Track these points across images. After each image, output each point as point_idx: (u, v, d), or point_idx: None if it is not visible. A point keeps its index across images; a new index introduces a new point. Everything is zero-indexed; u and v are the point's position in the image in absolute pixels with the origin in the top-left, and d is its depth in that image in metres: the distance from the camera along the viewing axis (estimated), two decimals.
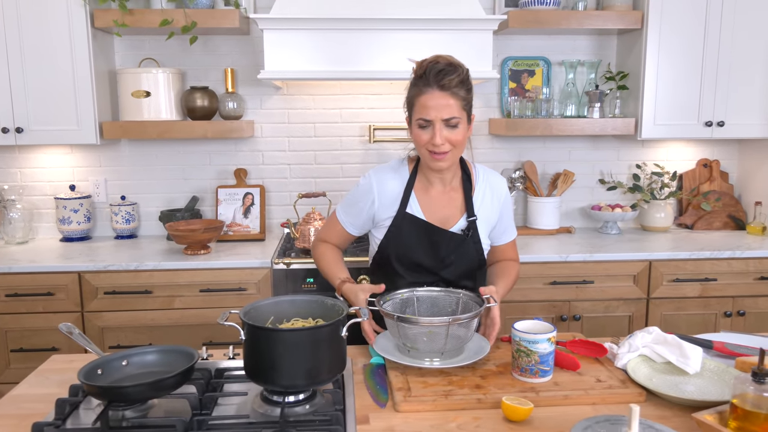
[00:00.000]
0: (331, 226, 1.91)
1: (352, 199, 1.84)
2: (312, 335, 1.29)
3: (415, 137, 1.69)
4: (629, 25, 2.96)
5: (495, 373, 1.48)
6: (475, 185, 1.82)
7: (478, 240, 1.80)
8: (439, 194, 1.80)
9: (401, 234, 1.77)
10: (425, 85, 1.63)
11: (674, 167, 3.36)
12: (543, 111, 3.11)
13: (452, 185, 1.81)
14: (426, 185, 1.80)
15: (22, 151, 3.16)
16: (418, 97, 1.64)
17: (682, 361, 1.47)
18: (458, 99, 1.63)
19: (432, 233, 1.76)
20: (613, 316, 2.84)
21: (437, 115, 1.61)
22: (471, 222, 1.79)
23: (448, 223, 1.79)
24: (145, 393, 1.26)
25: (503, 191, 1.86)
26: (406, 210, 1.77)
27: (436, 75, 1.61)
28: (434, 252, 1.77)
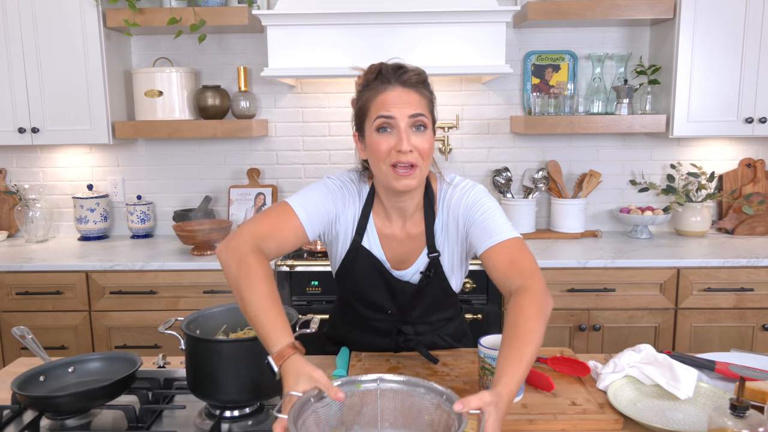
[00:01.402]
0: (279, 220, 1.39)
1: (318, 194, 1.45)
2: (252, 347, 1.21)
3: (372, 148, 1.35)
4: (660, 15, 2.76)
5: (461, 391, 1.36)
6: (438, 211, 1.49)
7: (443, 278, 1.51)
8: (398, 230, 1.50)
9: (356, 271, 1.51)
10: (384, 82, 1.35)
11: (713, 167, 3.12)
12: (566, 108, 2.93)
13: (414, 218, 1.49)
14: (384, 217, 1.50)
15: (43, 151, 3.22)
16: (377, 96, 1.35)
17: (672, 385, 1.32)
18: (424, 97, 1.36)
19: (389, 277, 1.50)
20: (637, 326, 2.65)
21: (403, 112, 1.32)
22: (432, 258, 1.48)
23: (407, 261, 1.51)
24: (77, 403, 1.21)
25: (461, 206, 1.45)
26: (362, 243, 1.49)
27: (395, 71, 1.35)
28: (393, 298, 1.53)
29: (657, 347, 2.60)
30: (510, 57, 3.04)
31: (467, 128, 3.15)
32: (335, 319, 1.74)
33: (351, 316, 1.65)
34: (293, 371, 1.10)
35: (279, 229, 1.38)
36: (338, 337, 1.70)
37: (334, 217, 1.47)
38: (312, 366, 1.11)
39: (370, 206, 1.49)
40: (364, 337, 1.63)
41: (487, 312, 2.62)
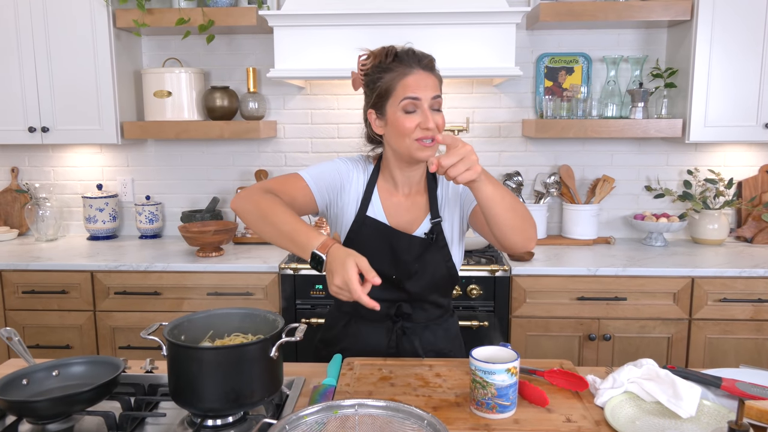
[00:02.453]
0: (288, 182, 1.55)
1: (328, 169, 1.61)
2: (232, 355, 1.17)
3: (398, 125, 1.48)
4: (677, 16, 2.68)
5: (451, 404, 1.31)
6: (439, 182, 1.65)
7: (444, 244, 1.61)
8: (404, 197, 1.63)
9: (361, 240, 1.60)
10: (407, 66, 1.49)
11: (732, 173, 3.03)
12: (579, 111, 2.87)
13: (418, 187, 1.64)
14: (389, 188, 1.63)
15: (55, 150, 3.23)
16: (402, 79, 1.48)
17: (673, 402, 1.25)
18: (438, 80, 1.54)
19: (393, 238, 1.59)
20: (649, 337, 2.57)
21: (428, 94, 1.48)
22: (435, 224, 1.60)
23: (411, 227, 1.62)
24: (56, 409, 1.18)
25: None
26: (367, 213, 1.61)
27: (414, 55, 1.51)
28: (397, 260, 1.59)
29: (670, 359, 2.55)
30: (522, 59, 2.99)
31: (478, 131, 3.10)
32: (331, 317, 1.77)
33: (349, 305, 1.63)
34: (341, 255, 1.27)
35: (287, 187, 1.54)
36: (332, 338, 1.71)
37: (339, 188, 1.60)
38: (355, 256, 1.27)
39: (374, 181, 1.62)
40: (359, 332, 1.64)
41: (494, 320, 2.56)
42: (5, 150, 3.24)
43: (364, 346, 1.64)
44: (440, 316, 1.70)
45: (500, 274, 2.54)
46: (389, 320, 1.64)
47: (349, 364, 1.53)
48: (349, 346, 1.66)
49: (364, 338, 1.65)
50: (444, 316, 1.71)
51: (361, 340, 1.66)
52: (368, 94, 1.57)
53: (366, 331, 1.65)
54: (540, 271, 2.55)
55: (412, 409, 1.02)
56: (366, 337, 1.65)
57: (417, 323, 1.65)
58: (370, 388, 1.39)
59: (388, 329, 1.65)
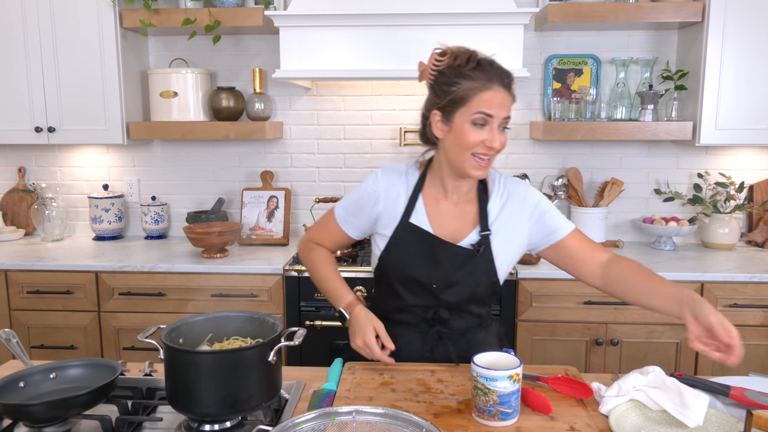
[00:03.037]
0: (325, 225, 1.70)
1: (356, 197, 1.64)
2: (229, 359, 1.16)
3: (462, 136, 1.45)
4: (687, 18, 2.65)
5: (453, 410, 1.29)
6: (491, 194, 1.60)
7: (490, 258, 1.55)
8: (451, 206, 1.58)
9: (401, 246, 1.56)
10: (489, 80, 1.43)
11: (743, 177, 2.99)
12: (588, 113, 2.84)
13: (467, 197, 1.59)
14: (436, 195, 1.59)
15: (61, 150, 3.24)
16: (481, 92, 1.42)
17: (680, 412, 1.23)
18: (513, 101, 1.49)
19: (436, 247, 1.54)
20: (657, 342, 2.54)
21: (500, 113, 1.44)
22: (484, 237, 1.54)
23: (458, 237, 1.56)
24: (52, 412, 1.17)
25: (525, 195, 1.60)
26: (410, 220, 1.56)
27: (499, 70, 1.45)
28: (437, 268, 1.54)
29: (678, 364, 2.52)
30: (530, 60, 2.96)
31: None
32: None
33: (388, 306, 1.63)
34: (362, 320, 1.53)
35: (325, 233, 1.71)
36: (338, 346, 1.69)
37: (371, 211, 1.60)
38: (374, 321, 1.53)
39: (419, 188, 1.59)
40: (395, 335, 1.60)
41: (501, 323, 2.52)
42: (12, 150, 3.25)
43: (398, 349, 1.59)
44: (478, 325, 1.65)
45: (506, 277, 2.51)
46: (425, 324, 1.61)
47: (350, 369, 1.51)
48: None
49: (399, 341, 1.60)
50: (483, 324, 1.67)
51: (396, 340, 1.60)
52: (438, 94, 1.49)
53: (402, 334, 1.61)
54: (546, 274, 2.52)
55: (410, 417, 1.00)
56: (401, 340, 1.60)
57: (454, 330, 1.61)
58: (371, 393, 1.37)
59: (423, 333, 1.61)
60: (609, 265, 1.55)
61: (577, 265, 1.59)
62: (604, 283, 1.56)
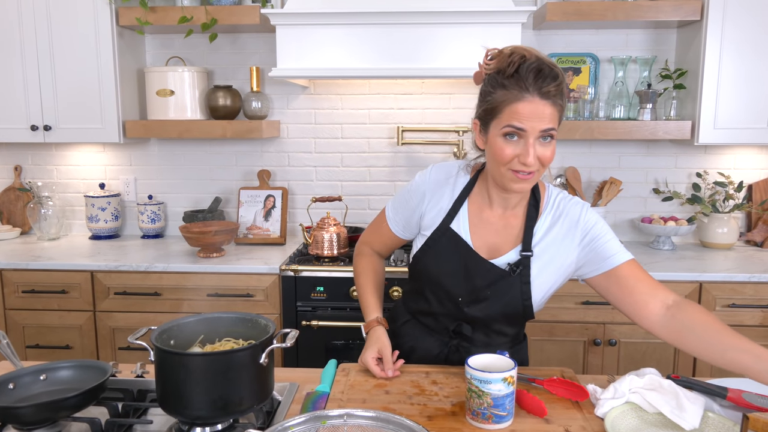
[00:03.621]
0: (377, 224, 1.67)
1: (404, 194, 1.59)
2: (220, 361, 1.14)
3: (495, 150, 1.34)
4: (686, 16, 2.63)
5: (447, 413, 1.28)
6: (542, 212, 1.48)
7: (527, 281, 1.44)
8: (496, 218, 1.49)
9: (436, 251, 1.50)
10: (522, 89, 1.29)
11: (742, 176, 2.97)
12: (586, 112, 2.82)
13: (515, 211, 1.49)
14: (482, 203, 1.50)
15: (58, 149, 3.22)
16: (512, 103, 1.30)
17: (676, 414, 1.21)
18: (557, 108, 1.32)
19: (470, 259, 1.47)
20: (655, 342, 2.52)
21: (535, 126, 1.29)
22: (524, 257, 1.44)
23: (497, 253, 1.48)
24: (40, 415, 1.16)
25: (579, 217, 1.46)
26: (450, 225, 1.49)
27: (536, 77, 1.28)
28: (466, 281, 1.47)
29: (677, 365, 2.51)
30: None
31: None
32: (397, 311, 1.72)
33: (414, 306, 1.61)
34: (372, 338, 1.54)
35: (377, 235, 1.69)
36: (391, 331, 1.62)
37: (417, 209, 1.55)
38: (387, 338, 1.53)
39: (466, 195, 1.51)
40: (416, 334, 1.59)
41: None
42: (8, 148, 3.23)
43: (416, 348, 1.59)
44: (503, 344, 1.57)
45: None
46: (447, 334, 1.56)
47: (344, 370, 1.49)
48: (403, 344, 1.61)
49: (418, 340, 1.59)
50: (508, 344, 1.58)
51: (415, 341, 1.59)
52: (479, 101, 1.40)
53: (422, 335, 1.60)
54: None
55: (403, 420, 0.99)
56: (421, 340, 1.59)
57: (476, 346, 1.54)
58: (364, 395, 1.36)
59: (443, 342, 1.57)
60: (677, 307, 1.37)
61: (632, 299, 1.41)
62: (666, 327, 1.37)
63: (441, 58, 2.55)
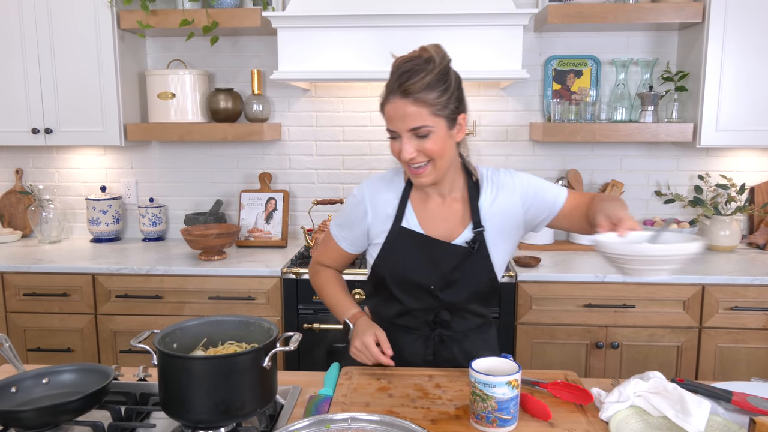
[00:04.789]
0: (326, 244, 1.69)
1: (346, 212, 1.62)
2: (223, 365, 1.14)
3: (390, 149, 1.45)
4: (687, 19, 2.63)
5: (451, 417, 1.27)
6: (482, 191, 1.55)
7: (486, 254, 1.52)
8: (438, 206, 1.55)
9: (396, 251, 1.54)
10: (389, 90, 1.38)
11: (744, 179, 2.97)
12: (588, 115, 2.82)
13: (452, 196, 1.55)
14: (423, 196, 1.56)
15: (59, 152, 3.22)
16: (384, 106, 1.40)
17: (681, 418, 1.21)
18: (425, 105, 1.35)
19: (431, 247, 1.52)
20: (658, 345, 2.52)
21: (402, 126, 1.37)
22: (477, 233, 1.52)
23: (451, 236, 1.54)
24: (42, 418, 1.15)
25: (513, 183, 1.54)
26: (402, 224, 1.54)
27: (399, 78, 1.36)
28: (434, 269, 1.52)
29: (679, 367, 2.50)
30: (530, 61, 2.94)
31: (485, 135, 3.05)
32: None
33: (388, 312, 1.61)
34: (364, 325, 1.53)
35: (329, 254, 1.70)
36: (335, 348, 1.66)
37: (363, 221, 1.58)
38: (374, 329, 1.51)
39: (407, 195, 1.56)
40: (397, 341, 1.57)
41: (499, 327, 2.52)
42: (9, 151, 3.23)
43: (401, 354, 1.57)
44: (480, 326, 1.63)
45: (506, 280, 2.50)
46: (427, 328, 1.59)
47: (347, 374, 1.49)
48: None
49: (401, 346, 1.58)
50: (484, 326, 1.65)
51: (397, 347, 1.57)
52: None
53: (404, 340, 1.59)
54: (546, 277, 2.51)
55: (407, 424, 0.98)
56: (403, 345, 1.59)
57: (456, 332, 1.60)
58: (367, 399, 1.35)
59: (425, 337, 1.59)
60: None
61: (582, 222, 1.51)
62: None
63: None
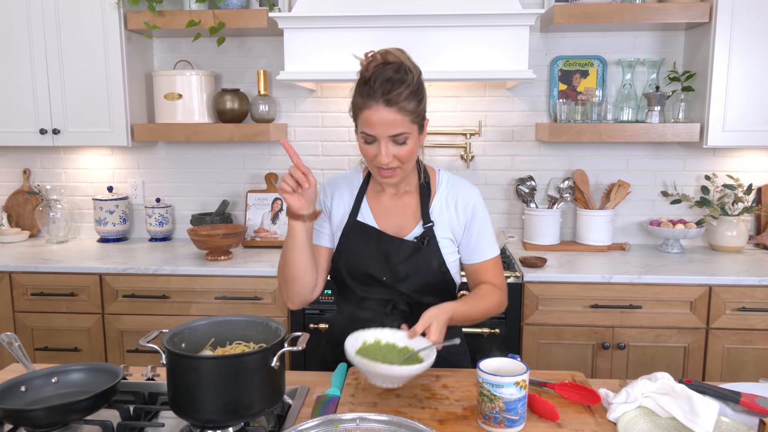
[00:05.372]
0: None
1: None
2: (231, 364, 1.14)
3: (361, 150, 1.48)
4: (694, 19, 2.62)
5: (458, 417, 1.27)
6: (436, 191, 1.61)
7: (436, 248, 1.57)
8: (391, 199, 1.61)
9: (351, 244, 1.60)
10: (370, 96, 1.39)
11: (751, 179, 2.96)
12: (594, 115, 2.81)
13: (406, 189, 1.61)
14: (377, 191, 1.63)
15: (66, 152, 3.23)
16: (362, 110, 1.41)
17: (690, 419, 1.21)
18: (406, 114, 1.40)
19: (383, 241, 1.58)
20: (664, 346, 2.51)
21: (383, 132, 1.40)
22: (427, 229, 1.57)
23: (403, 231, 1.59)
24: (52, 417, 1.16)
25: (472, 202, 1.61)
26: (357, 218, 1.61)
27: (382, 86, 1.38)
28: (386, 262, 1.57)
29: (686, 369, 2.49)
30: (536, 62, 2.94)
31: (490, 135, 3.05)
32: (333, 321, 1.77)
33: (349, 305, 1.64)
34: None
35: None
36: (335, 340, 1.65)
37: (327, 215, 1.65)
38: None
39: (364, 191, 1.62)
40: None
41: (505, 328, 2.51)
42: (17, 152, 3.25)
43: None
44: None
45: (512, 281, 2.49)
46: (387, 318, 1.60)
47: (354, 374, 1.49)
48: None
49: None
50: None
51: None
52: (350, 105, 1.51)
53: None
54: (553, 277, 2.50)
55: (415, 424, 0.99)
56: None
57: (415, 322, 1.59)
58: (375, 399, 1.35)
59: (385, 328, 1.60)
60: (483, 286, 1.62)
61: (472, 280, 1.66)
62: None
63: (448, 61, 2.55)
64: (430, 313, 1.39)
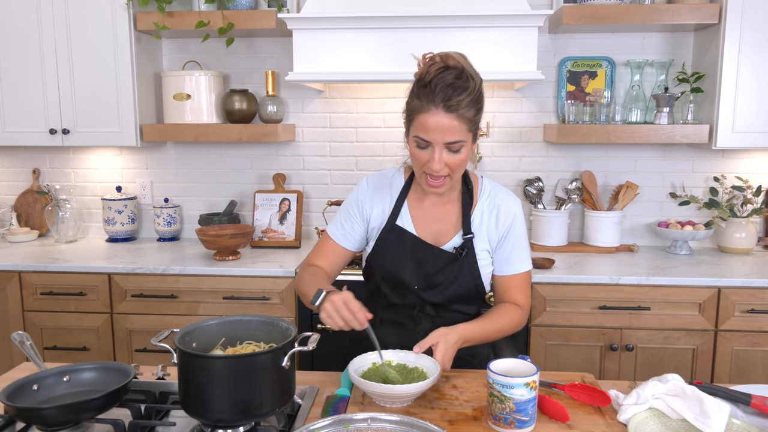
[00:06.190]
0: (321, 247, 1.68)
1: (346, 208, 1.66)
2: (242, 364, 1.15)
3: (411, 154, 1.47)
4: (704, 20, 2.62)
5: (468, 417, 1.27)
6: (477, 200, 1.60)
7: (474, 261, 1.57)
8: (433, 206, 1.60)
9: (387, 248, 1.59)
10: (429, 101, 1.36)
11: (760, 181, 2.95)
12: (602, 116, 2.81)
13: (449, 197, 1.60)
14: (420, 196, 1.61)
15: (75, 152, 3.25)
16: (420, 114, 1.39)
17: (700, 421, 1.20)
18: (465, 121, 1.38)
19: (419, 249, 1.57)
20: (673, 348, 2.50)
21: (439, 138, 1.38)
22: (467, 240, 1.56)
23: (441, 239, 1.59)
24: (64, 416, 1.17)
25: (512, 213, 1.60)
26: (396, 222, 1.59)
27: (444, 91, 1.35)
28: (419, 270, 1.56)
29: (695, 370, 2.48)
30: (544, 63, 2.93)
31: (498, 136, 3.05)
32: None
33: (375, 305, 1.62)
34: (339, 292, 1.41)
35: (321, 253, 1.67)
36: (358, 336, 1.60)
37: (361, 216, 1.63)
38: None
39: (405, 194, 1.60)
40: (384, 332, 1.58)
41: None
42: (27, 152, 3.27)
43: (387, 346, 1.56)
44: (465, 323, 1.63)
45: None
46: (411, 322, 1.61)
47: None
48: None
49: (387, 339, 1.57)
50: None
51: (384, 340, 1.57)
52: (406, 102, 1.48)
53: (389, 332, 1.60)
54: (561, 279, 2.50)
55: (426, 425, 0.99)
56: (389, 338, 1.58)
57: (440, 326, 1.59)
58: None
59: (410, 331, 1.61)
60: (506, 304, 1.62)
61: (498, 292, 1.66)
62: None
63: None
64: (441, 332, 1.41)
